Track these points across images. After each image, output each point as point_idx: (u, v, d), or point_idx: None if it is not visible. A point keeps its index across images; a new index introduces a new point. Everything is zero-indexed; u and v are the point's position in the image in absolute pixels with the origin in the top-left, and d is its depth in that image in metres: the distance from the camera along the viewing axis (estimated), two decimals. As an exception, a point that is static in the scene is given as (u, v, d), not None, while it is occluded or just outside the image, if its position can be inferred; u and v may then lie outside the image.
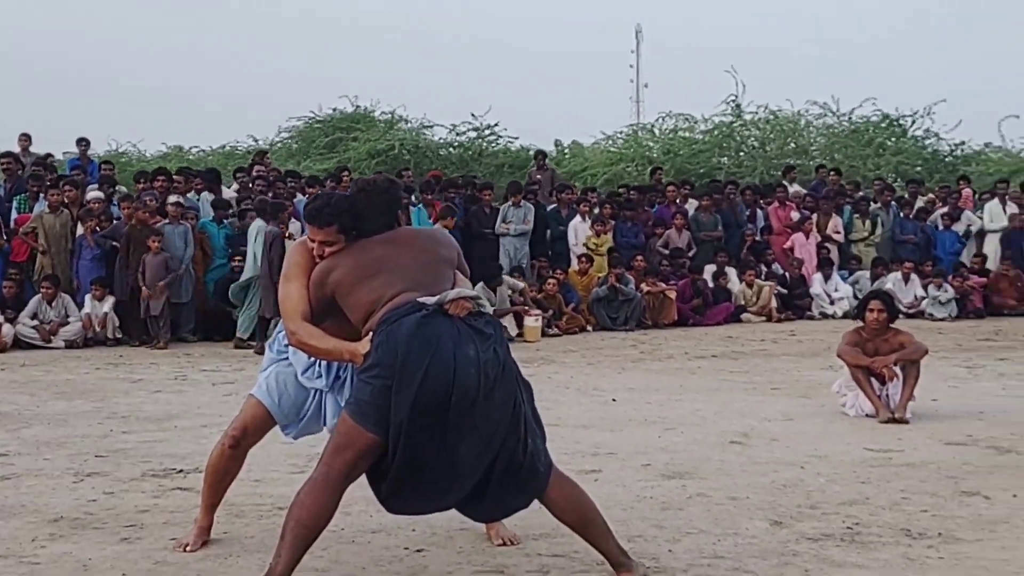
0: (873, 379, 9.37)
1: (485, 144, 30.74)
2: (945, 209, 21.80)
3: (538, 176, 22.51)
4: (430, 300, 4.64)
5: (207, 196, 17.91)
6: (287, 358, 5.30)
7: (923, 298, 19.40)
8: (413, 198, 18.52)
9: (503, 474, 4.68)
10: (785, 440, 8.38)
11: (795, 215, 20.87)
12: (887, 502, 6.42)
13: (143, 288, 15.38)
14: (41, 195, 16.80)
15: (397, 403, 4.48)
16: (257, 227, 15.44)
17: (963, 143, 29.98)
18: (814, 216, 20.88)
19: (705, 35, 66.31)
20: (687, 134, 30.27)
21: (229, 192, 18.53)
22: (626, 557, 4.94)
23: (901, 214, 21.69)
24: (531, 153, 29.18)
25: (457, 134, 30.74)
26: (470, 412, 4.52)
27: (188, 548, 5.44)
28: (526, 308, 16.67)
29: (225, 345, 15.63)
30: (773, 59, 57.87)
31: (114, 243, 15.89)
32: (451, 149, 30.76)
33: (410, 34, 68.70)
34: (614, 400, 10.41)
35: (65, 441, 8.40)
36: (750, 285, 19.38)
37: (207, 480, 5.53)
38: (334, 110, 31.77)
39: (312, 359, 5.15)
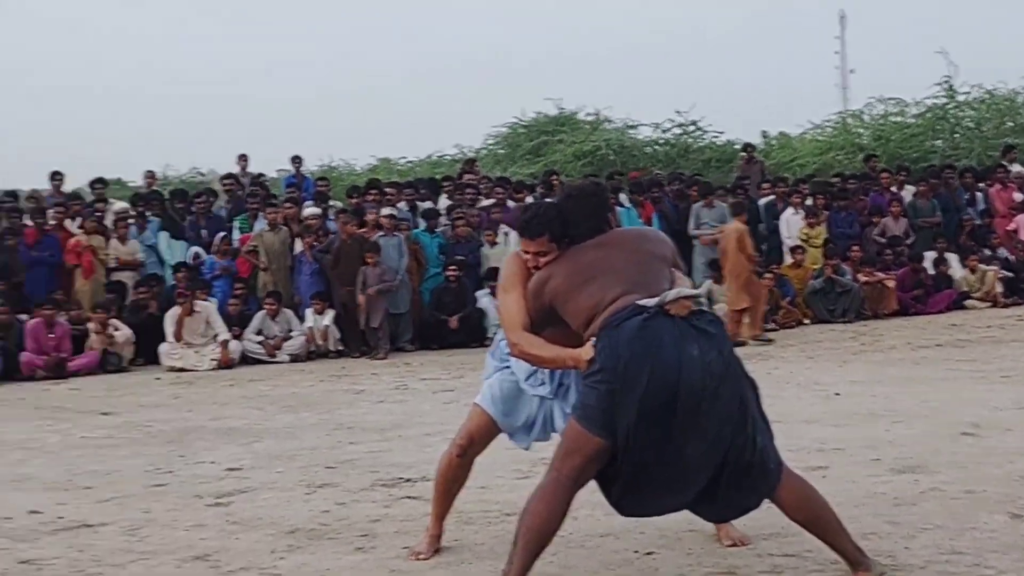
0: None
1: (691, 140, 30.53)
2: None
3: (746, 170, 22.29)
4: (650, 302, 4.61)
5: (419, 206, 18.25)
6: (509, 366, 5.35)
7: None
8: (623, 199, 18.51)
9: (733, 473, 4.64)
10: (1020, 430, 8.10)
11: (1018, 196, 20.17)
12: None
13: (360, 299, 15.72)
14: (260, 214, 17.34)
15: (622, 407, 4.48)
16: None
17: None
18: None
19: (911, 17, 64.45)
20: (898, 118, 29.46)
21: (421, 205, 18.76)
22: (863, 555, 4.83)
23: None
24: (737, 147, 28.88)
25: (662, 132, 30.60)
26: (696, 413, 4.48)
27: (421, 556, 5.53)
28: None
29: (443, 353, 15.87)
30: (985, 37, 55.99)
31: (332, 264, 16.26)
32: (657, 147, 30.62)
33: (608, 34, 68.57)
34: (837, 394, 10.22)
35: (295, 454, 8.63)
36: (973, 270, 18.82)
37: (437, 489, 5.62)
38: (538, 114, 31.94)
39: (534, 367, 5.18)
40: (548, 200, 6.47)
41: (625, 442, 4.51)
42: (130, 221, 17.11)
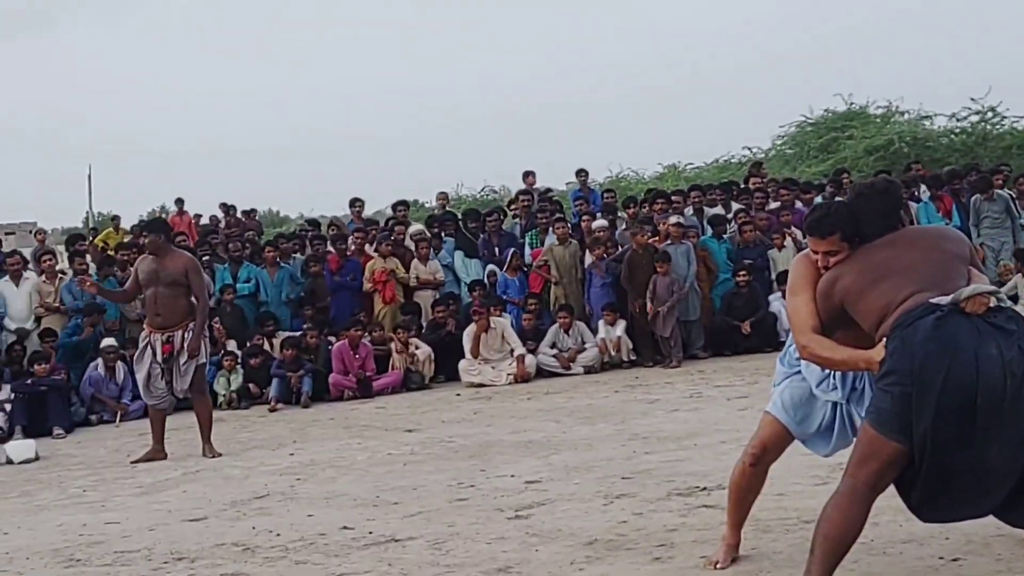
0: None
1: (989, 127, 29.40)
2: None
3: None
4: (944, 300, 4.49)
5: (708, 213, 18.21)
6: (800, 372, 5.28)
7: None
8: (921, 192, 18.01)
9: None
10: None
11: None
12: None
13: (648, 306, 15.75)
14: (550, 229, 17.59)
15: (919, 409, 4.37)
16: None
17: None
18: None
19: None
20: None
21: (709, 211, 18.63)
22: None
23: None
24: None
25: (958, 120, 29.60)
26: (998, 413, 4.33)
27: (719, 565, 5.52)
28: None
29: (736, 359, 15.74)
30: None
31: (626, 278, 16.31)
32: (953, 136, 29.63)
33: (896, 21, 66.71)
34: None
35: (592, 465, 8.72)
36: None
37: (731, 498, 5.60)
38: (826, 111, 31.43)
39: (826, 371, 5.11)
40: (838, 199, 6.36)
41: (923, 446, 4.40)
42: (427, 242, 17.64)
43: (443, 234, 18.31)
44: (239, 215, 23.83)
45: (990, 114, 29.32)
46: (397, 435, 11.48)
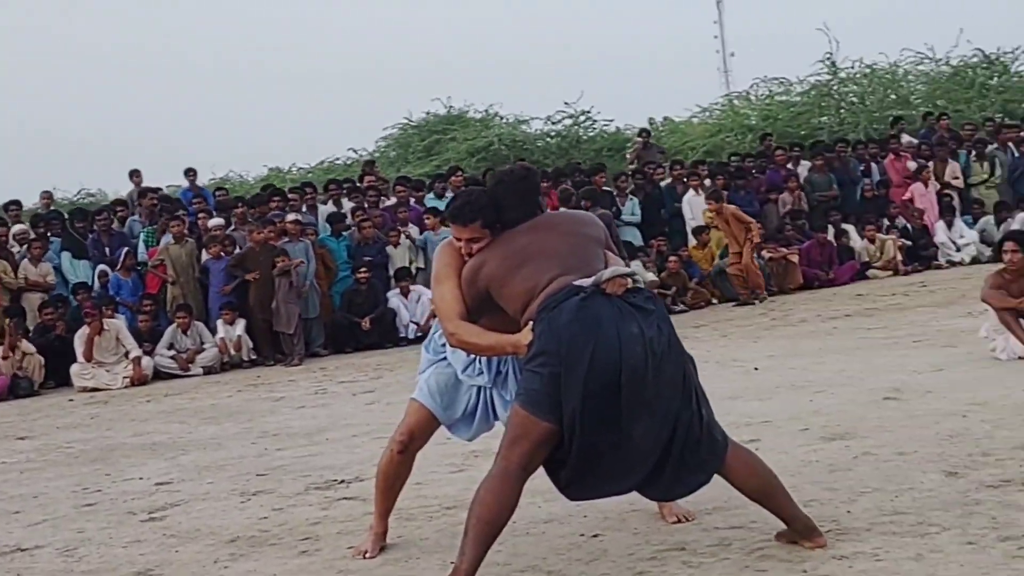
0: (1022, 320, 9.16)
1: (582, 131, 30.74)
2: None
3: (644, 155, 22.48)
4: (586, 282, 4.58)
5: (324, 210, 18.15)
6: (445, 358, 5.30)
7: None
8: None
9: (683, 449, 4.62)
10: (940, 391, 8.22)
11: (911, 165, 20.52)
12: (1061, 442, 6.27)
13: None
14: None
15: (567, 389, 4.43)
16: None
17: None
18: (930, 164, 20.49)
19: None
20: (784, 97, 29.92)
21: (326, 208, 18.59)
22: (812, 521, 4.86)
23: (1017, 153, 21.14)
24: (629, 134, 29.15)
25: (553, 123, 30.77)
26: (642, 391, 4.45)
27: (367, 555, 5.47)
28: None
29: (357, 356, 15.78)
30: (862, 12, 56.82)
31: (247, 275, 16.05)
32: (549, 139, 30.79)
33: (491, 35, 68.65)
34: (756, 369, 10.31)
35: (224, 464, 8.51)
36: (872, 240, 19.11)
37: (379, 487, 5.54)
38: (428, 114, 32.05)
39: (471, 356, 5.14)
40: (478, 187, 6.38)
41: (572, 425, 4.46)
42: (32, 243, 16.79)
43: (49, 234, 17.47)
44: None
45: (583, 117, 30.64)
46: (8, 443, 10.85)
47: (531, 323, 4.63)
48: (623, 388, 4.43)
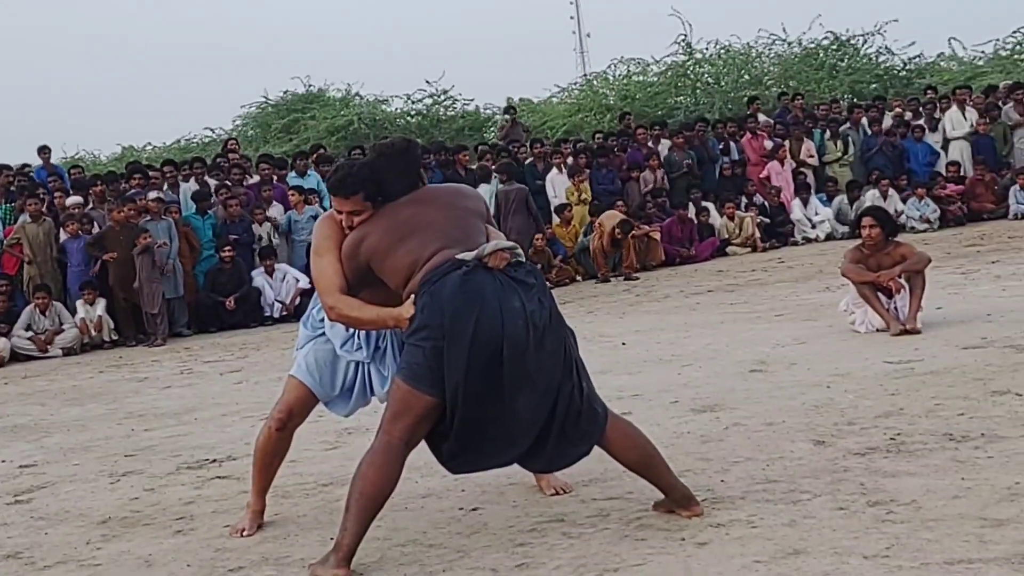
0: (880, 293, 9.38)
1: (442, 110, 30.74)
2: (921, 121, 21.74)
3: (512, 133, 22.56)
4: (469, 255, 4.57)
5: (187, 188, 17.84)
6: (324, 334, 5.24)
7: (901, 212, 19.27)
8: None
9: (564, 422, 4.64)
10: (804, 363, 8.38)
11: (768, 144, 20.87)
12: (922, 410, 6.43)
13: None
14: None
15: (450, 362, 4.43)
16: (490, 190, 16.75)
17: (917, 56, 30.12)
18: (786, 143, 20.86)
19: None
20: (641, 78, 30.25)
21: (186, 187, 18.26)
22: (689, 491, 4.92)
23: (870, 131, 21.64)
24: (488, 113, 29.25)
25: (413, 103, 30.70)
26: (523, 364, 4.47)
27: (245, 532, 5.39)
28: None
29: (222, 335, 15.58)
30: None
31: (105, 255, 15.71)
32: (409, 118, 30.72)
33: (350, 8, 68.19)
34: (624, 344, 10.40)
35: (90, 445, 8.33)
36: (731, 218, 19.40)
37: (256, 464, 5.47)
38: (286, 92, 31.78)
39: (351, 331, 5.10)
40: (359, 159, 6.29)
41: (455, 398, 4.46)
42: None
43: None
44: None
45: (443, 97, 30.63)
46: None
47: (412, 296, 4.60)
48: (505, 362, 4.43)
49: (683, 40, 29.50)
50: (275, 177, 18.37)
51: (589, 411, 4.71)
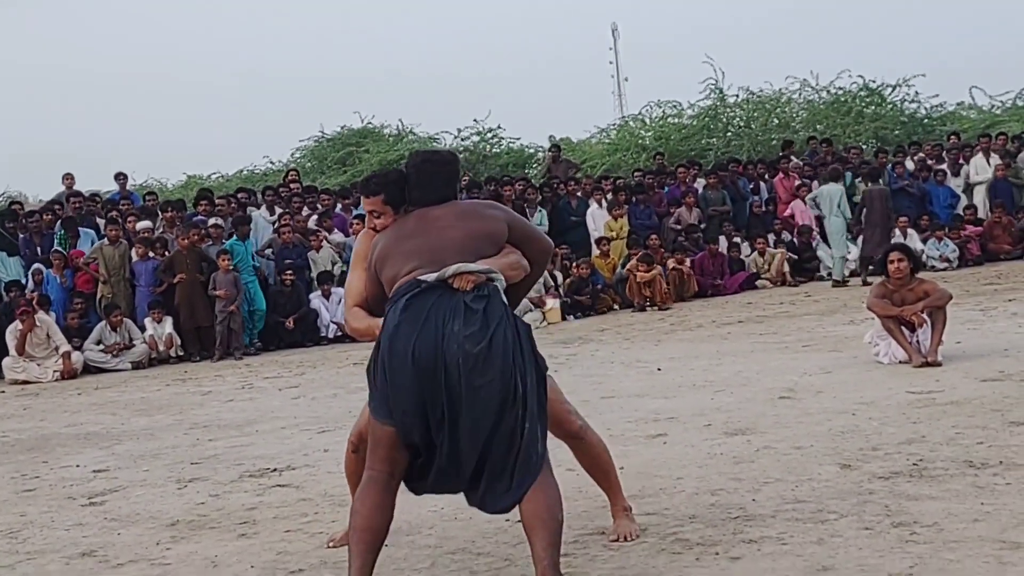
0: (903, 327, 9.36)
1: (489, 147, 30.84)
2: (944, 166, 21.69)
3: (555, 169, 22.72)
4: (430, 277, 4.26)
5: (258, 216, 18.07)
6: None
7: (922, 251, 19.08)
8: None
9: (495, 463, 4.18)
10: (830, 391, 8.37)
11: (798, 184, 20.82)
12: (943, 438, 6.42)
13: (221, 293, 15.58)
14: (92, 230, 16.94)
15: (393, 389, 4.16)
16: None
17: (940, 105, 29.99)
18: (814, 184, 20.79)
19: (679, 26, 66.34)
20: (676, 120, 30.25)
21: (261, 212, 18.47)
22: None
23: (895, 175, 21.52)
24: (531, 152, 29.38)
25: (462, 140, 30.82)
26: (458, 389, 4.10)
27: (331, 544, 5.30)
28: (540, 295, 16.59)
29: (281, 354, 15.68)
30: (751, 40, 57.84)
31: (175, 278, 15.88)
32: (458, 154, 30.75)
33: (408, 54, 68.74)
34: (660, 369, 10.40)
35: (158, 453, 8.41)
36: (762, 253, 19.38)
37: (349, 482, 5.19)
38: (342, 127, 31.90)
39: None
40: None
41: (403, 426, 4.18)
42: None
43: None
44: None
45: (490, 135, 30.74)
46: (-56, 433, 10.63)
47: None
48: (444, 386, 4.12)
49: (714, 85, 29.51)
50: (339, 206, 18.56)
51: (524, 459, 4.16)
